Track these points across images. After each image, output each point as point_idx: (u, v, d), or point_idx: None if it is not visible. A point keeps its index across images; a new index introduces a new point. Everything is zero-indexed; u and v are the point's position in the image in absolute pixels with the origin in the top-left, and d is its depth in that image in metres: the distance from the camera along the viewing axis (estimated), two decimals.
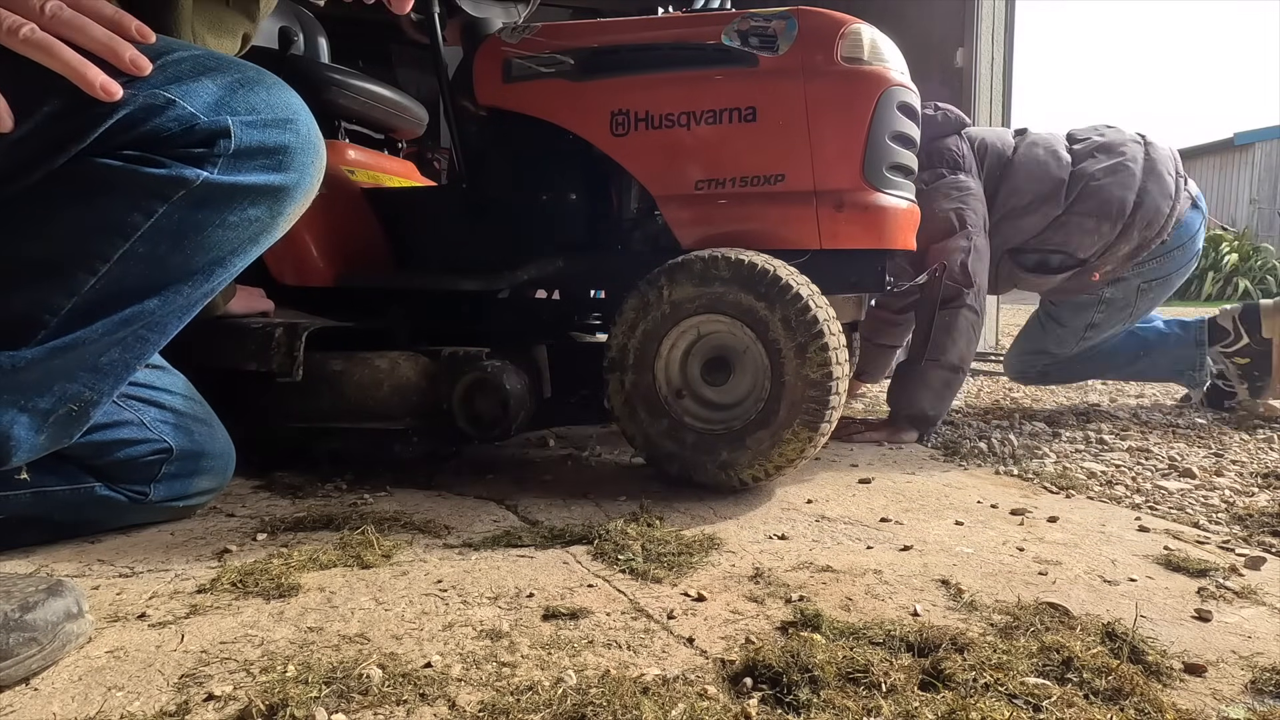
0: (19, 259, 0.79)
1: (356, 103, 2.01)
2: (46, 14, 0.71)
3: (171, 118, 0.77)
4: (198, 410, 1.21)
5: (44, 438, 0.86)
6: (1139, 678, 0.73)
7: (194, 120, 0.77)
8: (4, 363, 0.79)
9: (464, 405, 1.50)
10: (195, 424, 1.19)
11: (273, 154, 0.83)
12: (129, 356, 0.85)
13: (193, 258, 0.83)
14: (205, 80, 0.79)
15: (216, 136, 0.78)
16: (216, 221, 0.82)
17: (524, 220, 1.69)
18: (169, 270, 0.83)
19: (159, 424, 1.13)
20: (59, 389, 0.83)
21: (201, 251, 0.83)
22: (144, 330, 0.84)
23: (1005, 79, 4.00)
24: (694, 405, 1.43)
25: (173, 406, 1.17)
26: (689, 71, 1.48)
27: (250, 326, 1.49)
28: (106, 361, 0.84)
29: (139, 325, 0.84)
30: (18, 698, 0.72)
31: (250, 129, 0.81)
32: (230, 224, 0.83)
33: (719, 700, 0.72)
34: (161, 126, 0.77)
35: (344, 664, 0.77)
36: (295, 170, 0.86)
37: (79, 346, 0.81)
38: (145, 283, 0.82)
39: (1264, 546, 1.19)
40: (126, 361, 0.85)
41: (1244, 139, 15.37)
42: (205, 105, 0.78)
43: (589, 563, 1.07)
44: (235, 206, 0.82)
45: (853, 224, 1.44)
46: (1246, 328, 2.30)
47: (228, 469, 1.26)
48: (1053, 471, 1.63)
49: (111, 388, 0.87)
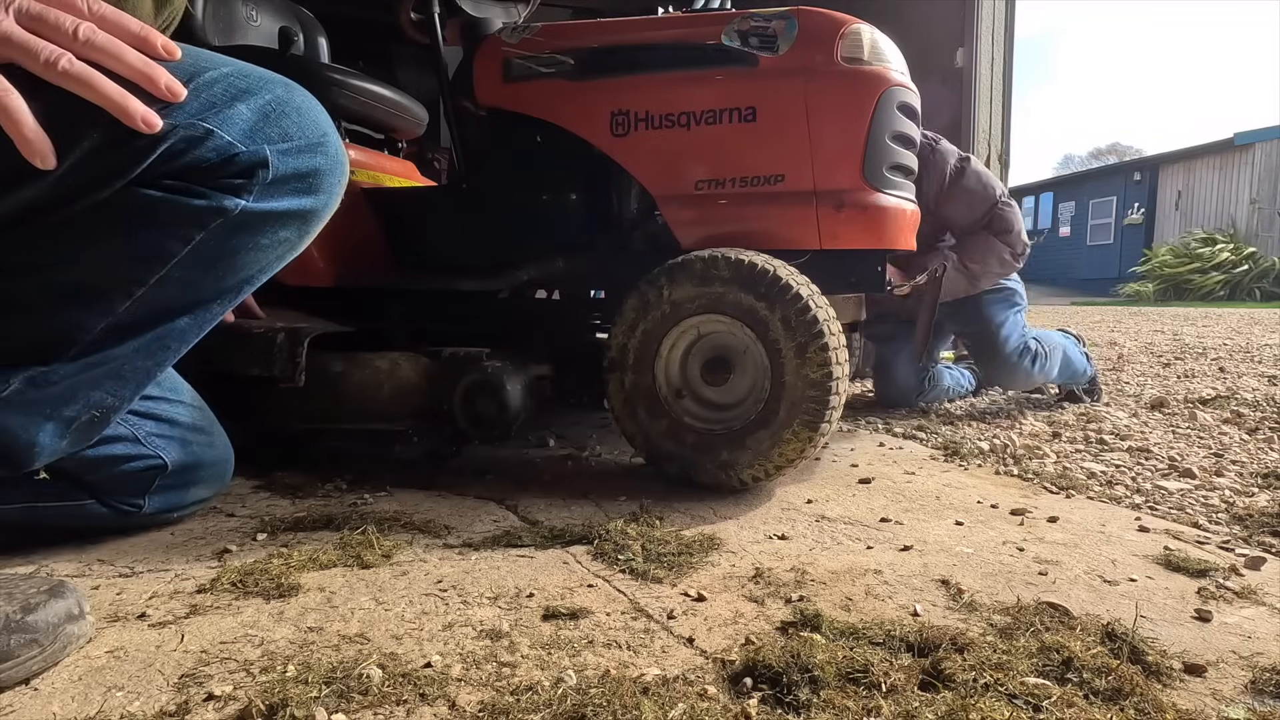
0: (57, 283, 0.80)
1: (356, 103, 2.00)
2: (80, 39, 0.70)
3: (211, 148, 0.76)
4: (198, 419, 1.19)
5: (66, 442, 0.87)
6: (1139, 678, 0.73)
7: (232, 150, 0.77)
8: (37, 378, 0.80)
9: (464, 406, 1.50)
10: (193, 434, 1.16)
11: (305, 178, 0.84)
12: (151, 365, 0.87)
13: (224, 279, 0.85)
14: (240, 106, 0.79)
15: (256, 167, 0.79)
16: (250, 245, 0.83)
17: (524, 220, 1.69)
18: (201, 291, 0.85)
19: (154, 438, 1.11)
20: (84, 397, 0.84)
21: (233, 273, 0.85)
22: (168, 341, 0.86)
23: (1005, 79, 4.00)
24: (694, 405, 1.43)
25: (171, 417, 1.14)
26: (689, 72, 1.48)
27: (252, 331, 1.49)
28: (130, 370, 0.86)
29: (167, 337, 0.86)
30: (18, 698, 0.72)
31: (286, 157, 0.81)
32: (262, 246, 0.85)
33: (719, 700, 0.72)
34: (201, 158, 0.76)
35: (344, 664, 0.77)
36: (325, 192, 0.87)
37: (109, 362, 0.83)
38: (178, 304, 0.84)
39: (1264, 546, 1.19)
40: (149, 370, 0.87)
41: (1244, 139, 15.37)
42: (242, 133, 0.78)
43: (589, 563, 1.07)
44: (268, 230, 0.84)
45: (853, 224, 1.44)
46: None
47: (225, 475, 1.24)
48: (1053, 471, 1.63)
49: (133, 394, 0.88)
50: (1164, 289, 13.39)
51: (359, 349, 1.56)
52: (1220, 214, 15.44)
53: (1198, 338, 5.30)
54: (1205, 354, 4.15)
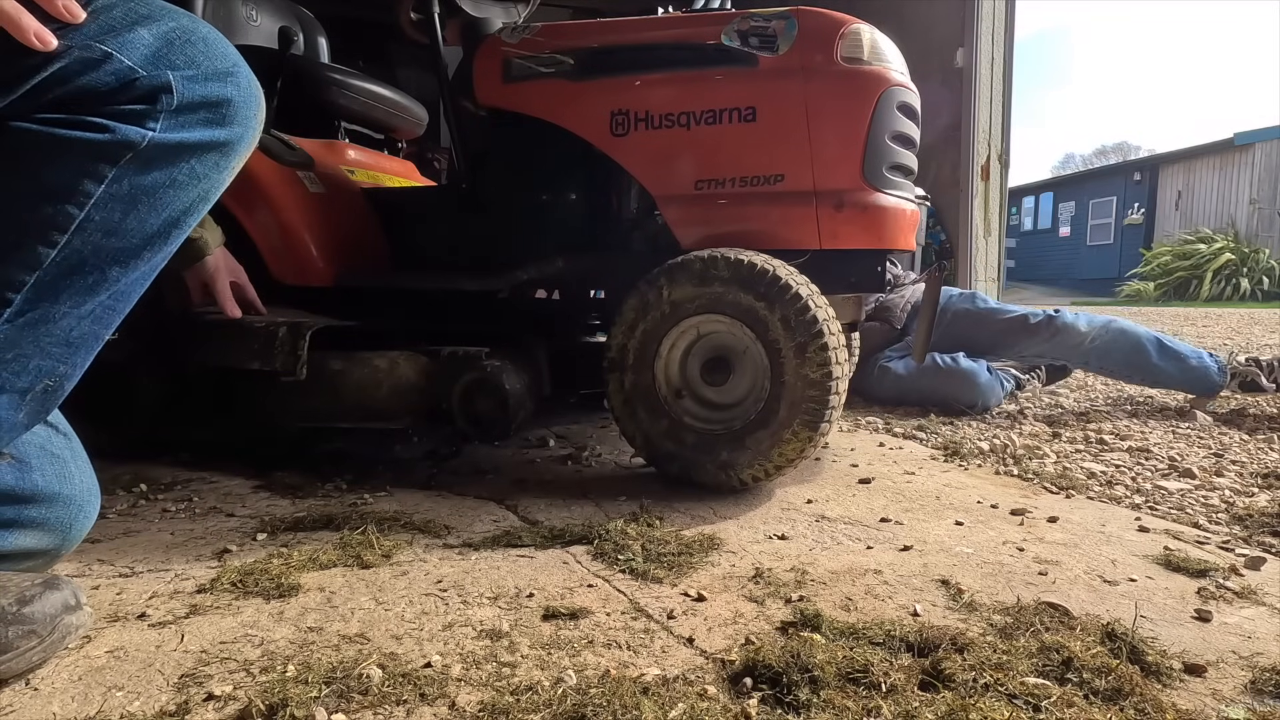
0: None
1: (356, 103, 2.01)
2: None
3: (109, 72, 0.74)
4: (53, 441, 0.92)
5: (23, 415, 0.84)
6: (1139, 678, 0.73)
7: (132, 75, 0.75)
8: None
9: (464, 405, 1.50)
10: (39, 455, 0.89)
11: (215, 108, 0.81)
12: (99, 328, 0.84)
13: (148, 220, 0.81)
14: (141, 30, 0.76)
15: (158, 92, 0.76)
16: (167, 182, 0.80)
17: (524, 220, 1.69)
18: (127, 236, 0.81)
19: None
20: (34, 366, 0.81)
21: (155, 213, 0.81)
22: (111, 300, 0.83)
23: (1005, 79, 4.00)
24: (694, 405, 1.43)
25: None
26: (689, 71, 1.48)
27: (254, 326, 1.49)
28: (78, 335, 0.82)
29: (105, 295, 0.82)
30: (18, 697, 0.72)
31: (191, 83, 0.78)
32: (180, 183, 0.82)
33: (719, 700, 0.72)
34: (99, 81, 0.74)
35: (344, 664, 0.77)
36: (239, 124, 0.84)
37: (48, 321, 0.80)
38: (105, 251, 0.80)
39: (1264, 546, 1.19)
40: (97, 333, 0.84)
41: (1244, 139, 15.38)
42: (143, 58, 0.75)
43: (589, 563, 1.07)
44: (183, 165, 0.81)
45: (853, 224, 1.44)
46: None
47: (71, 526, 0.90)
48: (1053, 471, 1.63)
49: (84, 360, 0.85)
50: (1164, 289, 13.40)
51: (358, 348, 1.56)
52: (1220, 214, 15.44)
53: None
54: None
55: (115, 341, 1.81)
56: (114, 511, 1.29)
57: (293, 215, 1.67)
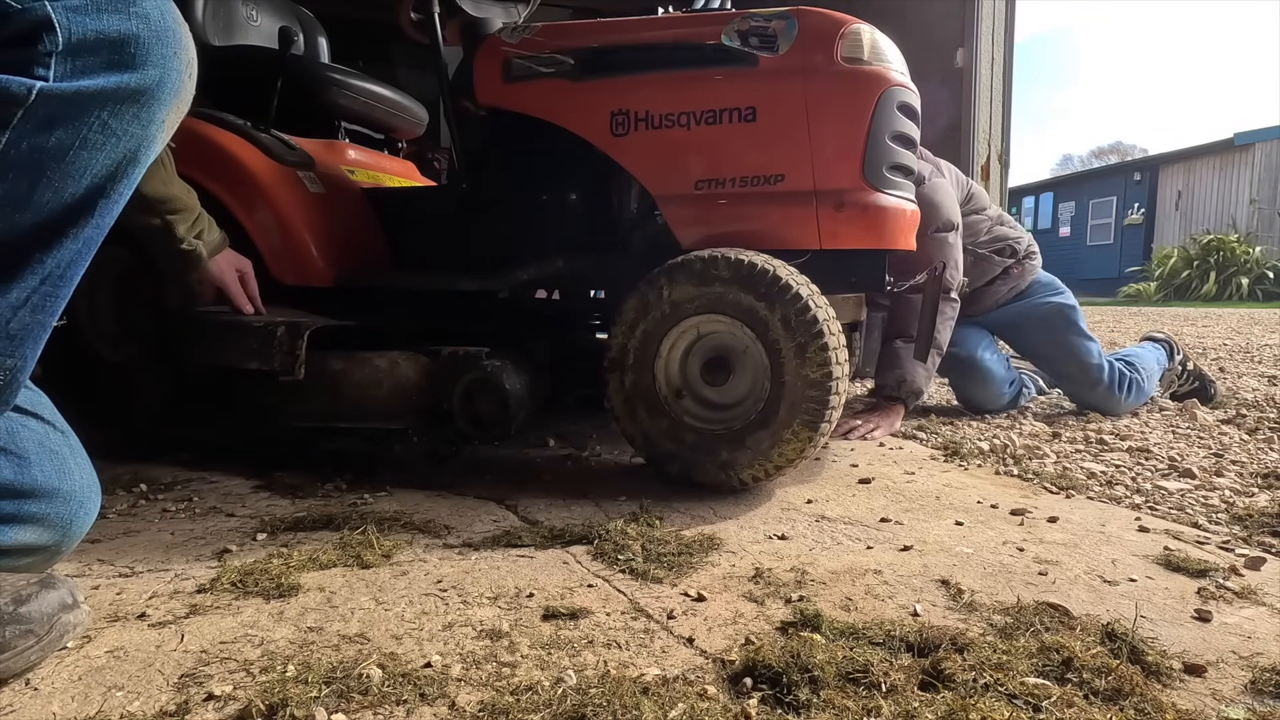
0: None
1: (356, 103, 2.01)
2: None
3: None
4: (51, 437, 0.89)
5: None
6: (1139, 678, 0.73)
7: (2, 8, 0.63)
8: None
9: (464, 405, 1.50)
10: (38, 451, 0.86)
11: (119, 47, 0.69)
12: (41, 316, 0.75)
13: (63, 189, 0.70)
14: None
15: (39, 30, 0.64)
16: (75, 142, 0.69)
17: (524, 220, 1.69)
18: (43, 209, 0.70)
19: None
20: None
21: (70, 180, 0.70)
22: (46, 286, 0.74)
23: (1005, 79, 4.00)
24: (694, 405, 1.43)
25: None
26: (689, 71, 1.48)
27: (252, 325, 1.49)
28: (17, 326, 0.73)
29: (37, 280, 0.73)
30: (18, 697, 0.72)
31: (80, 16, 0.66)
32: (93, 143, 0.70)
33: (719, 700, 0.72)
34: None
35: (344, 664, 0.77)
36: (153, 65, 0.71)
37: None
38: (23, 229, 0.70)
39: (1264, 546, 1.19)
40: (40, 321, 0.76)
41: (1244, 139, 15.37)
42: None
43: (589, 563, 1.07)
44: (91, 119, 0.69)
45: (853, 224, 1.44)
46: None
47: (74, 520, 0.88)
48: (1053, 471, 1.63)
49: (33, 350, 0.77)
50: (1165, 289, 13.39)
51: (359, 348, 1.56)
52: (1220, 214, 15.43)
53: (1198, 338, 5.30)
54: (1205, 354, 4.15)
55: (116, 342, 1.82)
56: (114, 511, 1.29)
57: (293, 215, 1.68)
